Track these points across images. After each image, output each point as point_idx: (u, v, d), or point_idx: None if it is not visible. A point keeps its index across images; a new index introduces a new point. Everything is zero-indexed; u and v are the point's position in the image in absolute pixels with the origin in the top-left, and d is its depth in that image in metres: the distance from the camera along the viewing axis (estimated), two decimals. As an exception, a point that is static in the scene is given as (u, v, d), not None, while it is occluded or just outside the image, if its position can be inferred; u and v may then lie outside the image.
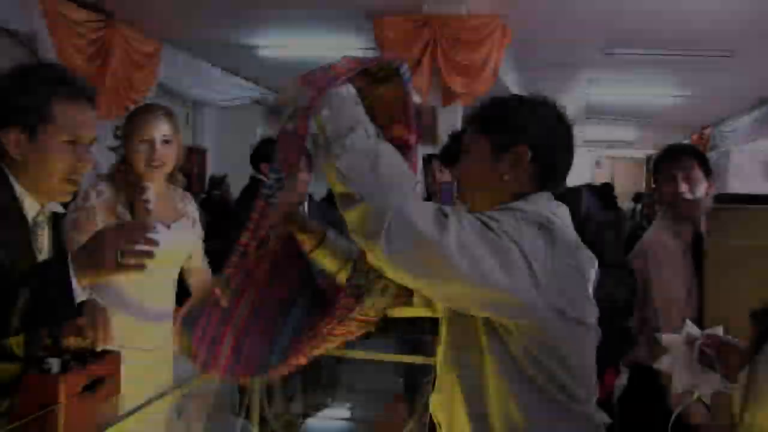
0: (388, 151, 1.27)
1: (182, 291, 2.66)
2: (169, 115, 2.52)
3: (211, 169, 9.42)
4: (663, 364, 1.69)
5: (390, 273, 1.25)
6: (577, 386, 1.37)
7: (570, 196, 2.44)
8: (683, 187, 2.58)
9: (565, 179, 1.55)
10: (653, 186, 2.84)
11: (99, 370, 2.02)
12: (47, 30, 5.30)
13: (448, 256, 1.19)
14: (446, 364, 1.47)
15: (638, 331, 2.75)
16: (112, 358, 2.09)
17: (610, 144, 16.55)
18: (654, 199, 5.17)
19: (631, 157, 19.11)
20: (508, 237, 1.26)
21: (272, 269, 1.54)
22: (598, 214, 2.51)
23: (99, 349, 2.11)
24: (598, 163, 19.10)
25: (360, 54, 6.04)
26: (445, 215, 1.23)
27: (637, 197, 10.54)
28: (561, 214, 1.45)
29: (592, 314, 1.42)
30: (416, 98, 1.46)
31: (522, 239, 1.28)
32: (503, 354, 1.35)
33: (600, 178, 17.95)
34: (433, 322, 1.64)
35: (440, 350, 1.51)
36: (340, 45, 7.29)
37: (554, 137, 1.50)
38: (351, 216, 1.22)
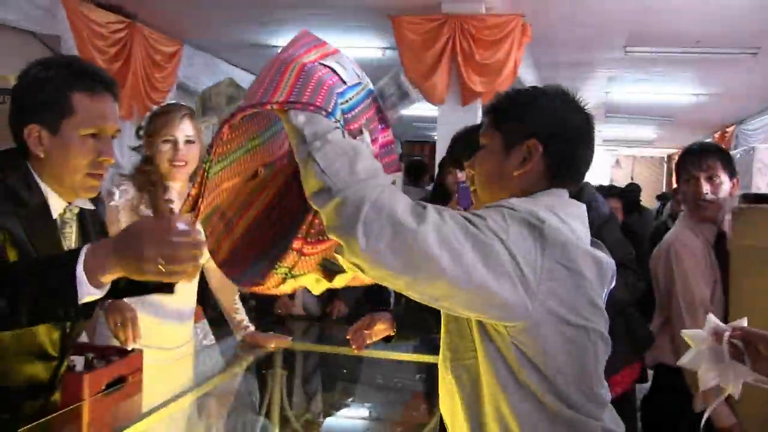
0: (366, 150, 1.27)
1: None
2: (192, 115, 2.53)
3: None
4: (687, 360, 1.66)
5: (370, 272, 1.19)
6: (576, 393, 1.32)
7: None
8: (705, 188, 2.55)
9: (582, 175, 1.49)
10: (675, 186, 2.81)
11: (121, 368, 2.05)
12: (71, 32, 5.39)
13: (426, 248, 1.15)
14: (445, 364, 1.45)
15: (660, 332, 2.72)
16: (135, 357, 2.12)
17: (630, 143, 16.41)
18: (677, 198, 5.13)
19: (651, 157, 18.97)
20: (492, 233, 1.22)
21: (277, 196, 1.57)
22: (597, 211, 2.46)
23: (130, 347, 2.14)
24: (617, 163, 18.98)
25: (380, 53, 6.04)
26: (424, 207, 1.20)
27: (662, 197, 10.43)
28: (569, 213, 1.38)
29: (597, 319, 1.35)
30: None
31: (508, 236, 1.23)
32: (495, 358, 1.31)
33: (619, 178, 17.86)
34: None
35: (440, 351, 1.49)
36: (360, 45, 7.30)
37: (568, 131, 1.44)
38: (327, 211, 1.19)
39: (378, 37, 6.93)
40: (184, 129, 2.46)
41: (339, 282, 1.49)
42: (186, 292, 2.56)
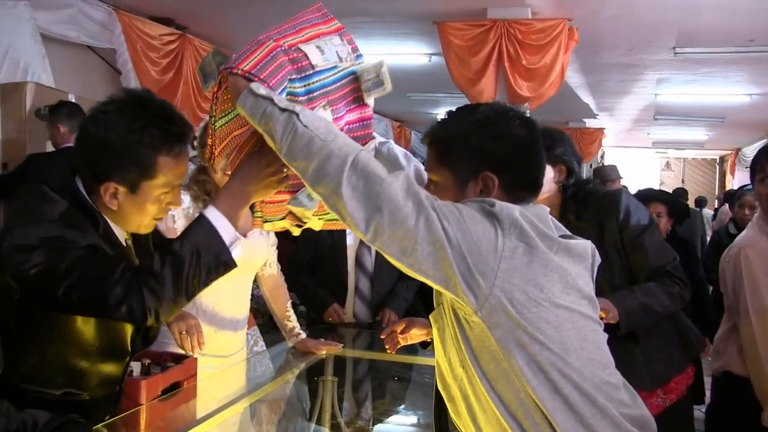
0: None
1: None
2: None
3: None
4: None
5: (346, 218, 1.27)
6: (573, 372, 1.30)
7: (608, 199, 2.38)
8: None
9: (539, 183, 1.49)
10: (728, 189, 2.69)
11: (177, 374, 2.09)
12: (125, 45, 5.59)
13: (392, 194, 1.24)
14: (453, 372, 1.44)
15: (728, 339, 2.61)
16: (190, 363, 2.16)
17: (680, 145, 16.11)
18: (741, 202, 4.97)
19: (703, 159, 18.59)
20: (449, 209, 1.29)
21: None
22: (635, 219, 2.40)
23: (196, 355, 2.18)
24: (667, 165, 18.65)
25: (427, 59, 6.05)
26: (399, 172, 1.31)
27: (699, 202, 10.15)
28: (528, 211, 1.37)
29: (578, 301, 1.35)
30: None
31: (464, 216, 1.28)
32: (480, 353, 1.33)
33: (669, 181, 17.54)
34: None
35: (440, 364, 1.49)
36: (406, 51, 7.33)
37: (518, 150, 1.45)
38: (315, 160, 1.29)
39: (424, 44, 6.95)
40: (238, 139, 2.50)
41: (314, 225, 1.69)
42: (240, 300, 2.60)
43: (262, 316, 4.81)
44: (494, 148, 1.43)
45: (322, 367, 2.76)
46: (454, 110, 1.54)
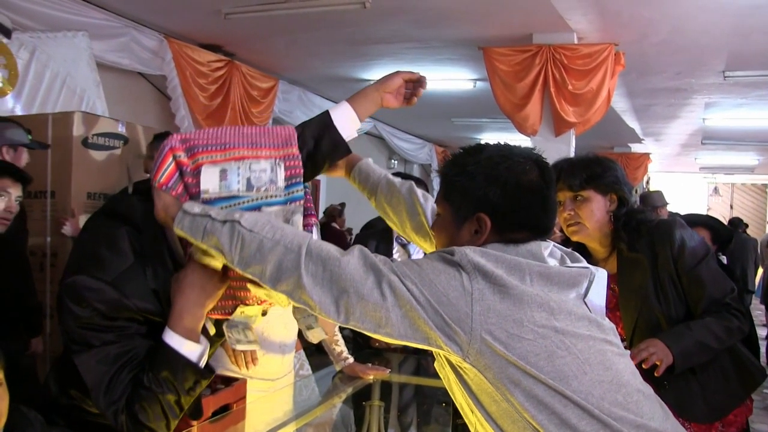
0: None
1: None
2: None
3: (325, 199, 9.66)
4: None
5: (315, 308, 1.29)
6: (573, 403, 1.26)
7: (662, 229, 2.34)
8: None
9: (542, 227, 1.43)
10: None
11: (227, 397, 2.12)
12: (176, 72, 5.76)
13: (351, 272, 1.27)
14: (467, 420, 1.43)
15: None
16: (239, 386, 2.18)
17: (729, 170, 15.82)
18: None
19: (753, 184, 18.22)
20: (409, 266, 1.29)
21: None
22: (690, 249, 2.34)
23: (249, 373, 2.21)
24: (715, 191, 18.32)
25: (472, 84, 6.04)
26: (351, 249, 1.32)
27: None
28: (519, 249, 1.36)
29: (567, 323, 1.29)
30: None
31: (424, 269, 1.28)
32: (482, 398, 1.31)
33: (717, 206, 17.21)
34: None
35: (463, 411, 1.46)
36: (451, 77, 7.36)
37: (516, 196, 1.40)
38: (270, 263, 1.31)
39: (469, 69, 6.97)
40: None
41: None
42: (289, 325, 2.62)
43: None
44: (488, 192, 1.40)
45: (368, 392, 2.76)
46: (465, 148, 1.52)
